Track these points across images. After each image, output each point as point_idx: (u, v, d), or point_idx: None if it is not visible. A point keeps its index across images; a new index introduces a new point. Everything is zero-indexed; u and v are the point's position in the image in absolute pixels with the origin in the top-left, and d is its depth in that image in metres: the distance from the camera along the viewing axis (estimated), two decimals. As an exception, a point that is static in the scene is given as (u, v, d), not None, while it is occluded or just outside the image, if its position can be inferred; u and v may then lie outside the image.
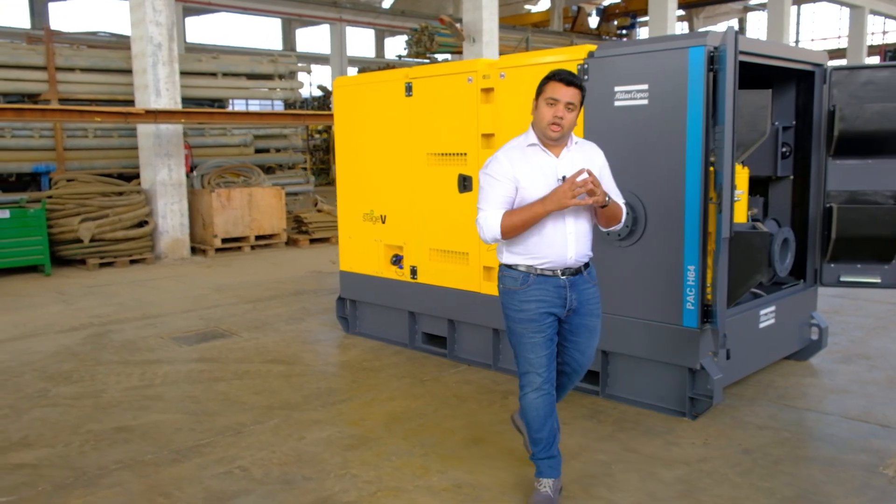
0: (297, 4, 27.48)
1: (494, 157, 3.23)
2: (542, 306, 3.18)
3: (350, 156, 6.19)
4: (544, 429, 3.28)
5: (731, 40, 3.39)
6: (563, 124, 3.11)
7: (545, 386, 3.23)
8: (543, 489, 3.31)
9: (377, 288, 6.08)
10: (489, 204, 3.16)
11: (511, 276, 3.24)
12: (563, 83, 3.10)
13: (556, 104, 3.10)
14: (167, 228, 10.65)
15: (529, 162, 3.17)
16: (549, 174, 3.15)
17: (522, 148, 3.22)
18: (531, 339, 3.20)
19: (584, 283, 3.27)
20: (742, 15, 46.28)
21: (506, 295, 3.26)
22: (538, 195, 3.10)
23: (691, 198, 4.12)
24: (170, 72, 10.45)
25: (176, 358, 5.81)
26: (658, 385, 4.52)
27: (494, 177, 3.17)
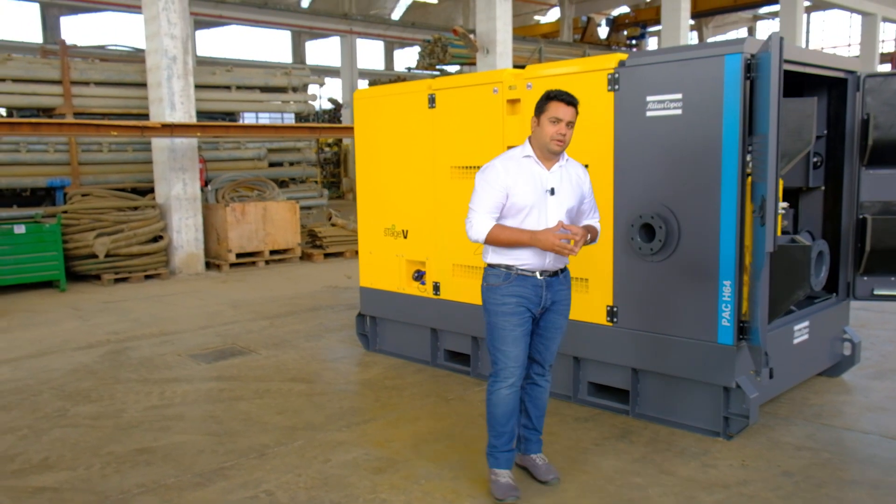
0: (307, 17, 27.58)
1: (492, 165, 3.52)
2: (521, 301, 3.47)
3: (371, 169, 6.10)
4: (509, 423, 3.56)
5: (777, 47, 3.29)
6: (565, 140, 3.43)
7: (517, 382, 3.52)
8: (503, 479, 3.56)
9: (398, 304, 5.98)
10: (481, 207, 3.47)
11: (494, 273, 3.54)
12: (565, 103, 3.41)
13: (559, 123, 3.40)
14: (182, 243, 10.60)
15: (522, 172, 3.46)
16: (539, 185, 3.46)
17: (518, 159, 3.51)
18: (511, 332, 3.48)
19: (559, 284, 3.58)
20: (752, 24, 46.16)
21: (489, 291, 3.55)
22: (526, 202, 3.43)
23: (727, 210, 4.01)
24: (184, 85, 10.42)
25: (195, 376, 5.72)
26: (690, 404, 4.39)
27: (489, 183, 3.46)
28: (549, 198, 3.46)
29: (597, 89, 4.50)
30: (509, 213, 3.47)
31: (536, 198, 3.43)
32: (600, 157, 4.54)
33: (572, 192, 3.54)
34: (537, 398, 3.72)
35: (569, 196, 3.52)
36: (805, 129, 3.72)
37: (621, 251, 4.50)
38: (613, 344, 4.62)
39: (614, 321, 4.59)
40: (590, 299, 4.70)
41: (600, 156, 4.54)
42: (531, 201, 3.43)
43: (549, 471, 3.72)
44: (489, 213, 3.45)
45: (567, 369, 4.94)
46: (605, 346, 4.67)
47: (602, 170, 4.54)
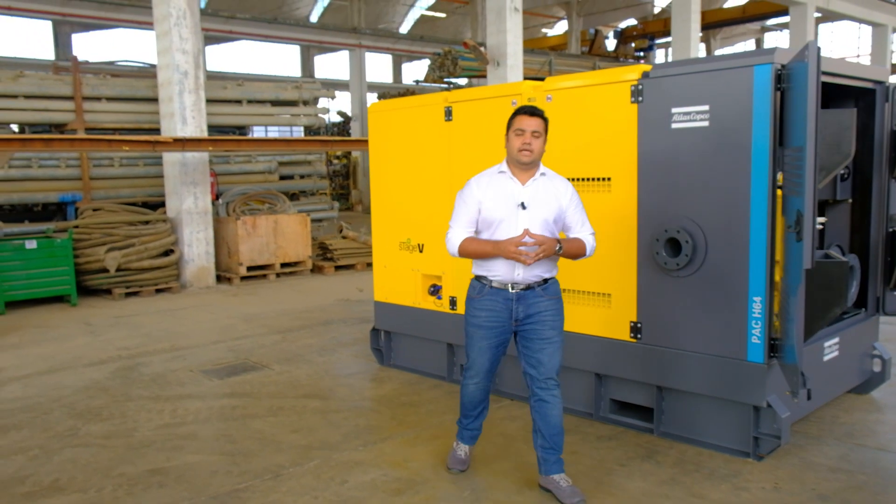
0: (317, 31, 27.66)
1: (468, 182, 3.72)
2: (491, 315, 3.65)
3: (385, 183, 6.01)
4: (475, 409, 3.93)
5: (815, 57, 3.19)
6: (531, 149, 3.56)
7: (484, 381, 3.82)
8: (459, 452, 4.01)
9: (414, 319, 5.88)
10: (457, 223, 3.70)
11: (472, 285, 3.77)
12: (527, 115, 3.60)
13: (523, 134, 3.56)
14: (193, 257, 10.53)
15: (495, 187, 3.63)
16: (510, 199, 3.59)
17: (492, 175, 3.69)
18: (479, 343, 3.72)
19: (535, 296, 3.64)
20: (759, 35, 46.09)
21: (467, 301, 3.78)
22: (497, 216, 3.59)
23: (757, 225, 3.89)
24: (196, 99, 10.39)
25: (207, 393, 5.62)
26: (718, 423, 4.26)
27: (464, 200, 3.69)
28: (521, 212, 3.58)
29: (619, 101, 4.41)
30: (483, 227, 3.66)
31: (507, 212, 3.58)
32: (623, 171, 4.44)
33: (548, 206, 3.61)
34: (547, 415, 3.63)
35: (543, 210, 3.60)
36: (844, 141, 3.62)
37: (645, 266, 4.39)
38: (637, 361, 4.50)
39: (638, 337, 4.47)
40: (612, 315, 4.59)
41: (623, 169, 4.44)
42: (501, 215, 3.58)
43: (573, 494, 3.58)
44: (463, 227, 3.67)
45: (588, 386, 4.83)
46: (628, 362, 4.55)
47: (624, 183, 4.44)
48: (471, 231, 3.67)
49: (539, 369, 3.63)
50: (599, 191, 4.58)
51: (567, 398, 4.96)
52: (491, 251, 3.57)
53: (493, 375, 3.90)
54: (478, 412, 3.95)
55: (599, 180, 4.57)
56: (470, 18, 33.57)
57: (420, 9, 39.22)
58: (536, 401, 3.66)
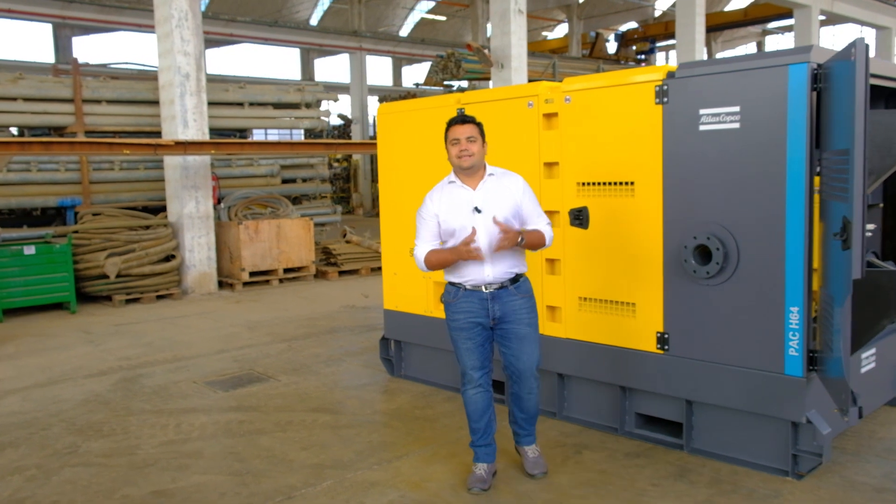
0: (317, 34, 27.50)
1: (424, 201, 3.85)
2: (469, 316, 3.75)
3: (395, 187, 5.82)
4: (482, 420, 3.84)
5: (863, 55, 2.99)
6: (469, 153, 3.70)
7: (481, 383, 3.81)
8: (479, 471, 3.86)
9: (426, 328, 5.67)
10: (420, 240, 3.85)
11: (447, 290, 3.87)
12: (459, 123, 3.76)
13: (458, 142, 3.73)
14: (194, 262, 10.33)
15: (449, 198, 3.77)
16: (465, 206, 3.72)
17: (443, 186, 3.84)
18: (464, 344, 3.80)
19: (508, 295, 3.77)
20: (761, 38, 45.99)
21: (445, 307, 3.87)
22: (455, 225, 3.71)
23: (793, 231, 3.70)
24: (198, 102, 10.19)
25: (212, 406, 5.41)
26: (753, 439, 4.06)
27: (423, 216, 3.84)
28: (477, 216, 3.69)
29: (643, 102, 4.21)
30: (445, 237, 3.79)
31: (463, 219, 3.70)
32: (646, 174, 4.24)
33: (502, 205, 3.73)
34: (523, 405, 3.92)
35: (498, 209, 3.70)
36: (895, 143, 3.42)
37: (672, 274, 4.19)
38: (664, 373, 4.30)
39: (665, 349, 4.27)
40: (637, 325, 4.39)
41: (646, 173, 4.24)
42: (459, 223, 3.70)
43: (536, 465, 3.95)
44: (427, 242, 3.81)
45: (613, 399, 4.63)
46: (655, 375, 4.35)
47: (648, 188, 4.24)
48: (435, 244, 3.81)
49: (517, 366, 3.82)
50: (622, 195, 4.38)
51: (589, 412, 4.79)
52: (450, 257, 3.71)
53: (490, 379, 3.89)
54: (485, 423, 3.87)
55: (622, 184, 4.37)
56: (470, 21, 33.44)
57: (420, 12, 39.08)
58: (515, 396, 3.91)
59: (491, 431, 3.89)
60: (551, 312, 4.87)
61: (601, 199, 4.47)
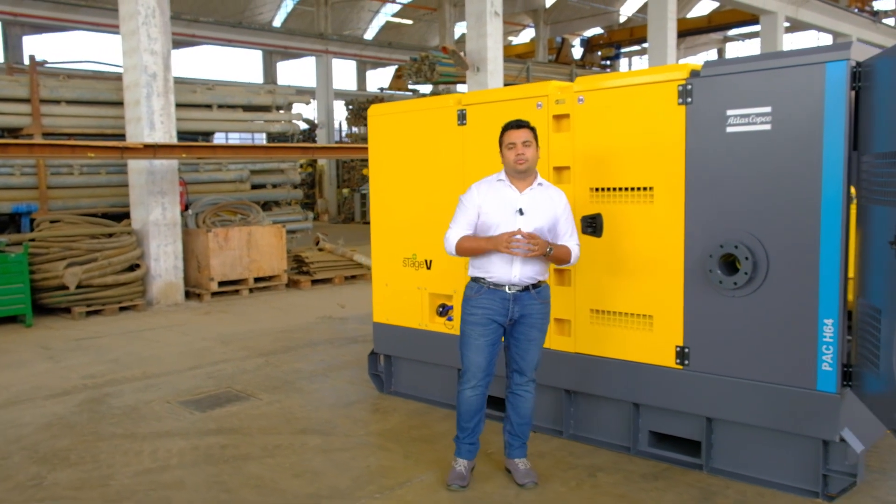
0: (282, 37, 27.00)
1: (470, 188, 3.92)
2: (487, 313, 3.81)
3: (388, 193, 5.48)
4: (472, 420, 3.92)
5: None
6: (525, 157, 3.76)
7: (480, 385, 3.88)
8: (459, 467, 3.96)
9: (420, 342, 5.35)
10: (457, 224, 3.89)
11: (469, 286, 3.92)
12: (515, 128, 3.81)
13: (514, 146, 3.77)
14: (160, 272, 9.83)
15: (495, 194, 3.83)
16: (509, 205, 3.79)
17: (492, 182, 3.89)
18: (476, 341, 3.84)
19: (529, 299, 3.84)
20: (721, 45, 46.67)
21: (464, 301, 3.92)
22: (495, 221, 3.78)
23: (829, 239, 3.47)
24: (165, 103, 9.72)
25: (190, 429, 5.00)
26: (779, 459, 3.82)
27: (465, 204, 3.89)
28: (518, 217, 3.76)
29: (664, 102, 3.96)
30: (481, 231, 3.84)
31: (504, 216, 3.76)
32: (667, 179, 3.99)
33: (544, 214, 3.80)
34: (519, 406, 3.96)
35: (539, 217, 3.78)
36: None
37: (694, 285, 3.94)
38: (683, 389, 4.04)
39: (685, 363, 4.02)
40: (654, 339, 4.13)
41: (667, 177, 3.99)
42: (498, 219, 3.77)
43: (527, 475, 3.94)
44: (462, 228, 3.86)
45: (624, 417, 4.36)
46: (672, 391, 4.09)
47: (669, 193, 3.99)
48: (469, 233, 3.85)
49: (522, 365, 3.91)
50: (640, 202, 4.12)
51: (599, 430, 4.52)
52: (486, 245, 3.74)
53: (490, 380, 3.94)
54: (474, 423, 3.94)
55: (640, 190, 4.11)
56: (437, 25, 33.22)
57: (385, 15, 38.74)
58: (512, 394, 3.97)
59: (478, 431, 3.98)
60: (560, 325, 4.59)
61: (616, 206, 4.21)
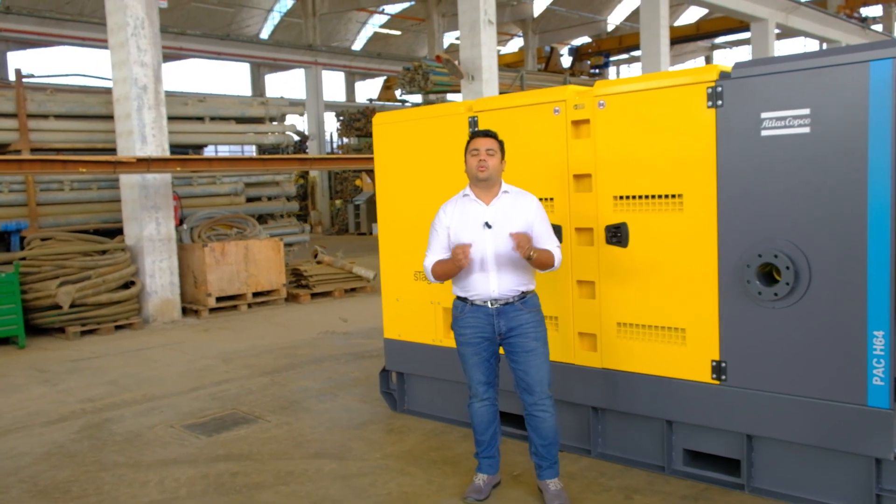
0: (271, 49, 26.80)
1: (438, 212, 3.88)
2: (475, 331, 3.77)
3: (396, 204, 5.29)
4: (487, 433, 3.90)
5: None
6: (487, 165, 3.70)
7: (486, 397, 3.86)
8: (478, 481, 3.92)
9: (434, 358, 5.14)
10: (431, 251, 3.88)
11: (455, 305, 3.90)
12: (480, 136, 3.79)
13: (478, 153, 3.73)
14: (156, 288, 9.58)
15: (461, 211, 3.80)
16: (476, 220, 3.74)
17: (458, 199, 3.86)
18: (470, 359, 3.83)
19: (514, 311, 3.75)
20: (709, 53, 46.88)
21: (453, 321, 3.91)
22: (465, 238, 3.72)
23: (877, 247, 3.30)
24: (156, 116, 9.50)
25: (197, 455, 4.77)
26: (825, 478, 3.64)
27: (435, 227, 3.88)
28: (487, 231, 3.70)
29: (692, 106, 3.79)
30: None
31: (473, 232, 3.71)
32: (698, 185, 3.82)
33: (514, 223, 3.70)
34: (538, 427, 3.79)
35: (510, 226, 3.68)
36: None
37: (730, 296, 3.76)
38: (720, 405, 3.86)
39: (722, 378, 3.83)
40: (688, 353, 3.95)
41: (696, 184, 3.82)
42: (469, 237, 3.70)
43: (556, 496, 3.77)
44: (436, 254, 3.83)
45: (657, 434, 4.17)
46: (708, 407, 3.91)
47: (700, 200, 3.81)
48: (444, 256, 3.80)
49: (527, 381, 3.75)
50: (669, 209, 3.94)
51: (629, 448, 4.33)
52: (450, 263, 3.71)
53: (497, 392, 3.92)
54: (490, 435, 3.91)
55: (668, 197, 3.93)
56: (426, 36, 33.13)
57: (373, 26, 38.65)
58: (529, 415, 3.81)
59: (495, 444, 3.94)
60: (584, 340, 4.40)
61: (643, 214, 4.03)
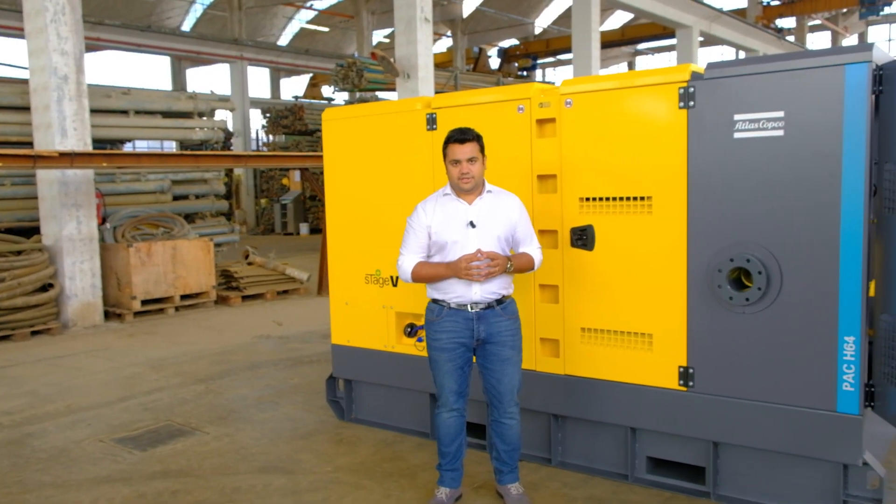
0: (195, 42, 25.86)
1: (415, 208, 3.73)
2: (452, 336, 3.63)
3: (347, 204, 5.06)
4: (453, 444, 3.74)
5: None
6: (471, 176, 3.56)
7: (456, 408, 3.70)
8: (440, 495, 3.78)
9: (386, 365, 4.94)
10: (408, 249, 3.71)
11: (430, 308, 3.74)
12: (458, 143, 3.57)
13: (459, 164, 3.56)
14: (76, 291, 9.00)
15: (443, 210, 3.65)
16: (460, 220, 3.61)
17: (438, 198, 3.71)
18: (444, 366, 3.67)
19: (494, 316, 3.65)
20: (631, 59, 48.07)
21: (426, 325, 3.76)
22: (447, 238, 3.60)
23: (849, 252, 3.29)
24: (78, 108, 8.92)
25: (132, 473, 4.42)
26: (792, 484, 3.62)
27: (413, 226, 3.70)
28: (471, 231, 3.58)
29: (663, 106, 3.71)
30: (435, 250, 3.66)
31: (456, 233, 3.59)
32: (667, 188, 3.74)
33: (498, 223, 3.62)
34: (504, 434, 3.75)
35: (494, 227, 3.61)
36: None
37: (698, 301, 3.71)
38: (687, 412, 3.80)
39: (689, 385, 3.77)
40: (654, 359, 3.87)
41: (667, 186, 3.74)
42: (452, 237, 3.59)
43: (518, 500, 3.75)
44: (414, 253, 3.67)
45: (619, 442, 4.09)
46: (674, 414, 3.84)
47: (670, 203, 3.74)
48: (422, 256, 3.68)
49: (499, 389, 3.68)
50: (637, 212, 3.85)
51: (591, 457, 4.23)
52: (444, 273, 3.58)
53: (466, 402, 3.78)
54: (455, 447, 3.76)
55: (637, 200, 3.85)
56: (354, 33, 32.70)
57: (300, 21, 37.94)
58: (496, 422, 3.75)
59: (460, 456, 3.80)
60: (546, 346, 4.28)
61: (610, 217, 3.94)
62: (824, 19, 35.25)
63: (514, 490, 3.78)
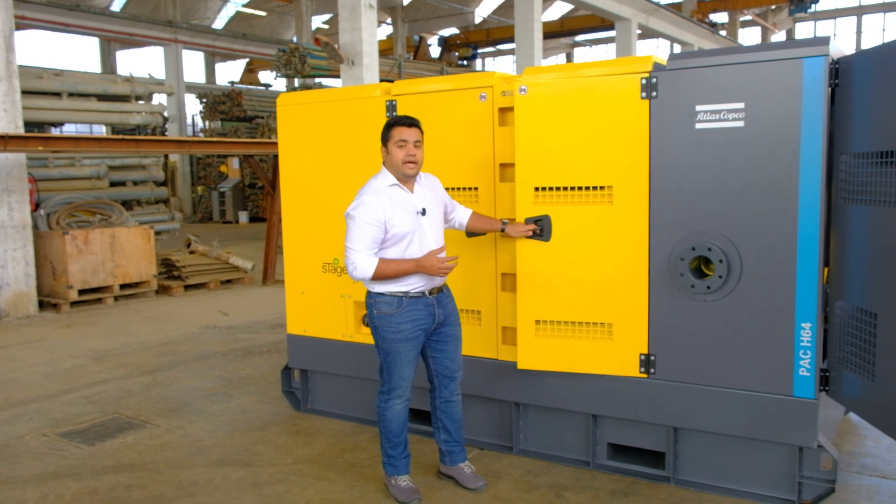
0: (126, 23, 25.00)
1: (362, 202, 3.53)
2: (416, 325, 3.62)
3: (303, 192, 4.96)
4: (404, 433, 3.76)
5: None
6: (416, 160, 3.56)
7: (410, 396, 3.74)
8: (404, 483, 3.75)
9: (343, 355, 4.88)
10: (363, 245, 3.51)
11: (386, 301, 3.61)
12: (407, 126, 3.57)
13: (406, 145, 3.53)
14: (8, 280, 8.62)
15: (395, 202, 3.56)
16: (411, 209, 3.59)
17: (385, 189, 3.58)
18: (406, 356, 3.64)
19: (447, 298, 3.77)
20: (570, 50, 48.59)
21: (381, 319, 3.63)
22: (406, 230, 3.54)
23: (806, 241, 3.39)
24: (8, 89, 8.52)
25: (81, 468, 4.27)
26: (749, 468, 3.73)
27: (366, 221, 3.50)
28: (422, 219, 3.61)
29: (625, 96, 3.75)
30: (391, 244, 3.56)
31: (413, 223, 3.57)
32: (628, 178, 3.78)
33: (438, 206, 3.73)
34: (453, 412, 3.85)
35: (437, 210, 3.71)
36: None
37: (659, 289, 3.77)
38: (647, 399, 3.87)
39: (651, 372, 3.84)
40: (614, 348, 3.92)
41: (628, 176, 3.78)
42: (410, 228, 3.56)
43: (476, 479, 3.84)
44: (369, 249, 3.52)
45: (581, 429, 4.14)
46: (635, 401, 3.91)
47: (631, 193, 3.78)
48: (375, 252, 3.55)
49: (453, 369, 3.79)
50: (596, 202, 3.87)
51: (552, 444, 4.28)
52: (413, 269, 3.54)
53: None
54: (404, 436, 3.77)
55: (596, 189, 3.86)
56: (292, 18, 32.10)
57: (235, 5, 37.03)
58: (445, 402, 3.83)
59: (407, 442, 3.83)
60: (506, 334, 4.29)
61: (567, 207, 3.94)
62: (755, 15, 36.33)
63: (467, 468, 3.89)
